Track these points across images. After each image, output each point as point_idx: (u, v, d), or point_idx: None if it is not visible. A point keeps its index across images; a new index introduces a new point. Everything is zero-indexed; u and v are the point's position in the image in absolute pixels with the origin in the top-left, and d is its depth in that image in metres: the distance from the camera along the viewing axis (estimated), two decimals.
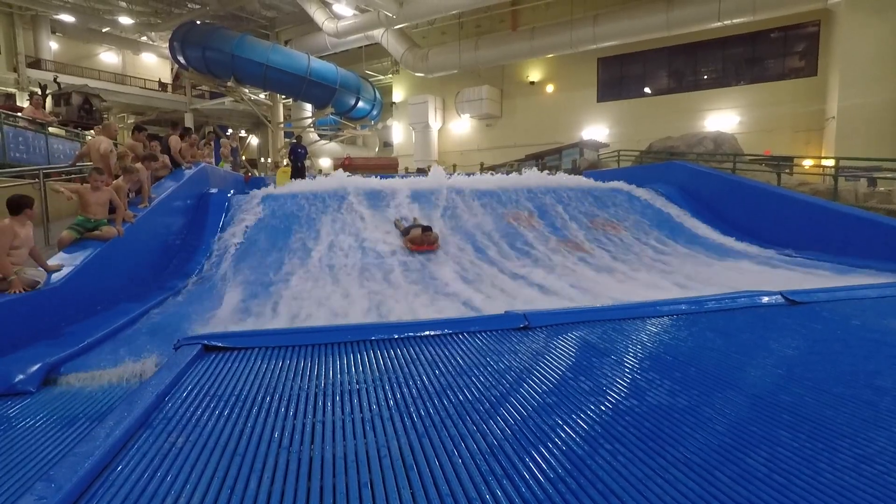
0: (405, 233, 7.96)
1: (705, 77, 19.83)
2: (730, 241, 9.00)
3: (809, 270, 6.88)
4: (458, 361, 3.12)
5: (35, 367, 3.23)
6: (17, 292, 3.88)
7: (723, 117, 18.74)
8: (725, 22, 16.86)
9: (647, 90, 20.92)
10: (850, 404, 2.44)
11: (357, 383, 2.80)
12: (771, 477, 1.83)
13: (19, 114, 9.73)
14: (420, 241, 7.65)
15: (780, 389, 2.64)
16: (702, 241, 9.03)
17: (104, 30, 27.16)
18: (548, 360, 3.11)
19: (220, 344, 3.44)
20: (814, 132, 17.05)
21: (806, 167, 13.46)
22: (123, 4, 23.91)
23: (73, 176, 7.43)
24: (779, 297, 4.53)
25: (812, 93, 16.97)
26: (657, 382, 2.74)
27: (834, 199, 8.86)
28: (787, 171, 11.77)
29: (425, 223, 8.16)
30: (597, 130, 21.24)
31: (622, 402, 2.48)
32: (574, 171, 15.07)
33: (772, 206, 9.23)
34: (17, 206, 4.18)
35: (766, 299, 4.51)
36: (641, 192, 10.84)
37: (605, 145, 18.14)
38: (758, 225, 9.30)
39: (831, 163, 11.78)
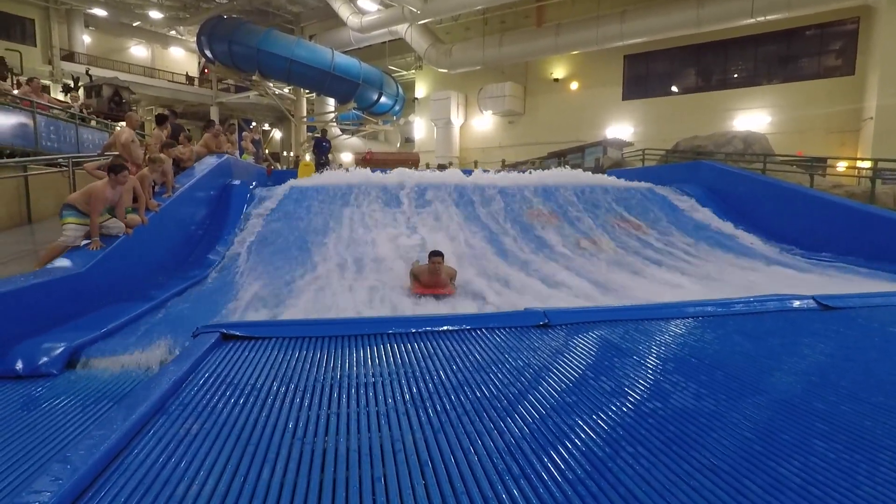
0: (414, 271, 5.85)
1: (735, 76, 19.27)
2: (759, 244, 8.73)
3: (844, 275, 6.62)
4: (475, 357, 3.07)
5: (59, 350, 3.28)
6: (97, 248, 4.71)
7: (753, 117, 18.20)
8: (759, 18, 16.37)
9: (674, 88, 20.45)
10: (891, 415, 2.31)
11: (373, 376, 2.77)
12: (806, 488, 1.73)
13: (14, 91, 9.35)
14: (428, 279, 5.49)
15: (813, 397, 2.52)
16: (729, 243, 8.77)
17: (135, 24, 27.79)
18: (567, 359, 3.03)
19: (238, 333, 3.45)
20: (849, 133, 16.45)
21: (840, 169, 12.99)
22: None
23: (101, 165, 7.57)
24: (811, 301, 4.36)
25: (848, 92, 16.37)
26: (682, 385, 2.64)
27: (871, 203, 8.52)
28: (820, 172, 11.37)
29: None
30: (621, 129, 20.87)
31: (645, 404, 2.40)
32: (597, 169, 14.81)
33: (805, 209, 8.90)
34: (111, 168, 4.93)
35: (797, 303, 4.34)
36: (666, 192, 10.60)
37: (630, 144, 17.81)
38: (789, 228, 8.98)
39: (868, 164, 11.33)
